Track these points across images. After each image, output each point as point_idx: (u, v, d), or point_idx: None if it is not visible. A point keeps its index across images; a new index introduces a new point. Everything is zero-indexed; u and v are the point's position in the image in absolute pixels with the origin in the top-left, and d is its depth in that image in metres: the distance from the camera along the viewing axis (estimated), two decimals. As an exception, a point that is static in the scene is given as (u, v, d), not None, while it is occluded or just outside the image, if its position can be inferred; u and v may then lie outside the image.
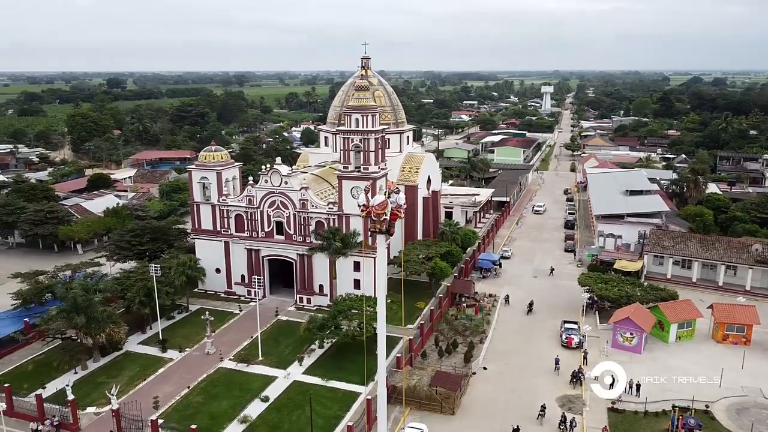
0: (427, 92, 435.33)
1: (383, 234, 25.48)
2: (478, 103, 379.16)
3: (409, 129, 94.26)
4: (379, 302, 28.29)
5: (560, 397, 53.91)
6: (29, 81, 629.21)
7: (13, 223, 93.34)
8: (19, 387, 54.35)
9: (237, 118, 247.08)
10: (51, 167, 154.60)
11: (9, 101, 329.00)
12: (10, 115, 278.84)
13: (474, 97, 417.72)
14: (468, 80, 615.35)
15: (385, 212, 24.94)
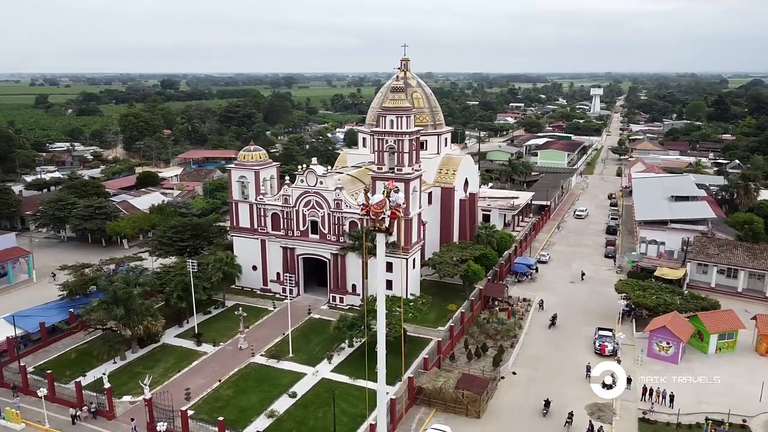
0: (473, 94, 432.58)
1: (383, 233, 25.68)
2: (524, 105, 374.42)
3: (447, 131, 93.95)
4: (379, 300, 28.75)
5: (590, 405, 52.85)
6: (89, 82, 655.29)
7: (65, 217, 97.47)
8: (61, 374, 56.83)
9: (282, 119, 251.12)
10: (103, 165, 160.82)
11: (69, 101, 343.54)
12: (69, 114, 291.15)
13: (521, 99, 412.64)
14: (516, 82, 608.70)
15: (383, 211, 25.12)
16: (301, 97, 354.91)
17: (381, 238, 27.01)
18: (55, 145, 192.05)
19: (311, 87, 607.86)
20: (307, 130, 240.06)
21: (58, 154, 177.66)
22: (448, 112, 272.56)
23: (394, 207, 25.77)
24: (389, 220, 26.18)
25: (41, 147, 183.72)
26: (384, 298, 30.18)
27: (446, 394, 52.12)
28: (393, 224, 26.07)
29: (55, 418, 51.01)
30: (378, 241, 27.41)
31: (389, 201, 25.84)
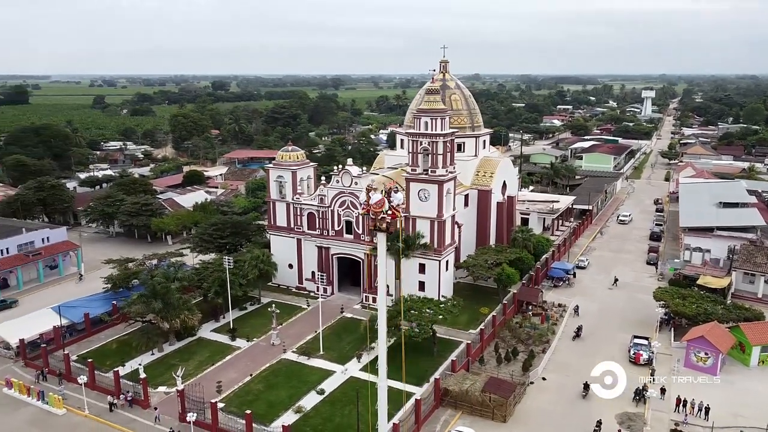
0: (520, 96, 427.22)
1: (383, 232, 25.98)
2: (572, 107, 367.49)
3: (485, 133, 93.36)
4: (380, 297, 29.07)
5: (620, 414, 51.75)
6: (144, 83, 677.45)
7: (113, 213, 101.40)
8: (102, 363, 59.24)
9: (327, 120, 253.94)
10: (153, 163, 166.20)
11: (124, 102, 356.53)
12: (124, 114, 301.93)
13: (569, 101, 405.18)
14: (565, 84, 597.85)
15: (382, 210, 25.42)
16: (347, 99, 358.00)
17: (382, 237, 27.39)
18: (108, 144, 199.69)
19: (358, 89, 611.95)
20: (351, 131, 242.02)
21: (111, 152, 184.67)
22: (493, 114, 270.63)
23: (394, 207, 25.97)
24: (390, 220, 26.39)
25: (96, 146, 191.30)
26: (384, 294, 30.97)
27: (472, 396, 51.95)
28: (393, 224, 26.22)
29: (94, 404, 53.25)
30: (379, 240, 27.80)
31: (389, 201, 26.10)
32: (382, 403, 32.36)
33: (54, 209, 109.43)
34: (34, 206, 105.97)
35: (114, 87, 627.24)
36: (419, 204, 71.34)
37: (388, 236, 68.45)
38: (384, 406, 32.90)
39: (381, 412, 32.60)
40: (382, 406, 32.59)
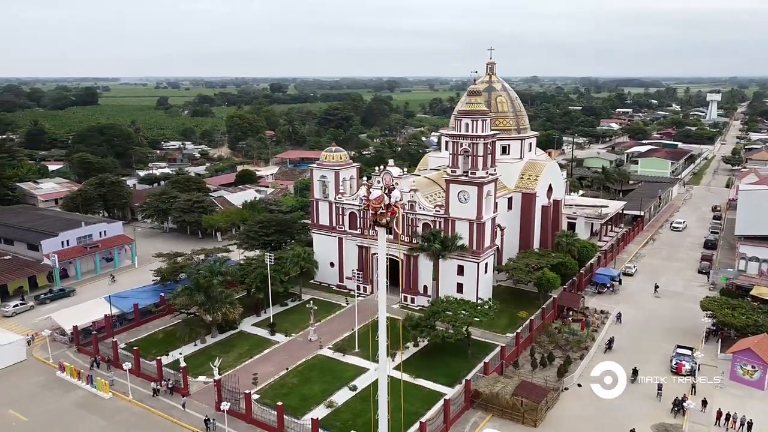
0: (578, 99, 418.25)
1: (382, 227, 26.48)
2: (632, 111, 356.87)
3: (531, 135, 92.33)
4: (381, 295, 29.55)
5: (656, 424, 50.39)
6: (206, 85, 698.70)
7: (167, 210, 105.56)
8: (147, 352, 61.97)
9: (379, 122, 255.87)
10: (209, 162, 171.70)
11: (186, 103, 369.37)
12: (185, 115, 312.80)
13: (629, 104, 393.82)
14: (627, 87, 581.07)
15: (381, 206, 25.92)
16: (401, 101, 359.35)
17: (381, 231, 28.11)
18: (168, 144, 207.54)
19: (414, 91, 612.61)
20: (402, 133, 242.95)
21: (170, 151, 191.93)
22: (548, 117, 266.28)
23: (394, 203, 26.47)
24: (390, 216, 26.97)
25: (156, 145, 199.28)
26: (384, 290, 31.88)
27: (503, 399, 51.63)
28: (392, 220, 26.80)
29: (137, 390, 55.80)
30: (379, 235, 28.56)
31: (388, 197, 26.63)
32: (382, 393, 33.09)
33: (113, 205, 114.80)
34: (95, 201, 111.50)
35: (178, 89, 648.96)
36: (459, 206, 71.31)
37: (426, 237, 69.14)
38: (384, 396, 33.65)
39: (381, 402, 33.34)
40: (382, 397, 33.33)
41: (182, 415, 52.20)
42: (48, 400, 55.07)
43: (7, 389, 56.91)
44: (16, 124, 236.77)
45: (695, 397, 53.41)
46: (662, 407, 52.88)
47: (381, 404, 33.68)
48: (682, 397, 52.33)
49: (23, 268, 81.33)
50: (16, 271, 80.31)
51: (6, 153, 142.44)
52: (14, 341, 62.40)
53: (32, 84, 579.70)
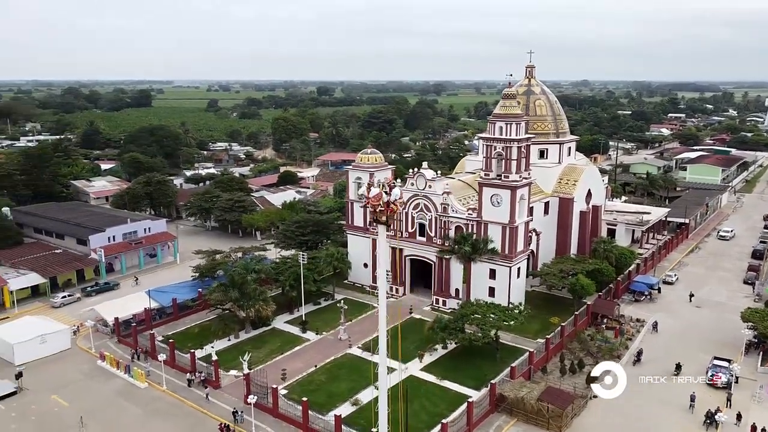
0: (628, 103, 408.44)
1: (382, 224, 26.97)
2: (685, 116, 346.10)
3: (570, 140, 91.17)
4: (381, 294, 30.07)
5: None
6: (256, 88, 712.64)
7: (210, 209, 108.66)
8: (183, 345, 64.04)
9: (422, 125, 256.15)
10: (253, 163, 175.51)
11: (235, 105, 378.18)
12: (233, 117, 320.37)
13: (683, 109, 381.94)
14: (681, 91, 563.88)
15: (380, 204, 26.43)
16: (446, 105, 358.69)
17: (381, 229, 28.71)
18: (216, 145, 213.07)
19: (460, 95, 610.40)
20: (446, 136, 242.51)
21: (217, 152, 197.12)
22: (595, 121, 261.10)
23: (392, 201, 26.99)
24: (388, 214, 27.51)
25: (204, 146, 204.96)
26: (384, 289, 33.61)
27: (528, 404, 51.31)
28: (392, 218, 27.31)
29: (171, 381, 57.88)
30: (379, 233, 29.18)
31: (386, 195, 27.18)
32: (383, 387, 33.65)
33: (159, 203, 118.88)
34: (142, 199, 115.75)
35: (228, 92, 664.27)
36: (491, 209, 71.10)
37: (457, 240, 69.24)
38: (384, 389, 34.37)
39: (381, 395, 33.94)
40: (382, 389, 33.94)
41: (212, 407, 53.87)
42: (88, 388, 57.68)
43: (51, 376, 59.85)
44: (74, 124, 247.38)
45: (730, 411, 51.87)
46: (694, 419, 51.53)
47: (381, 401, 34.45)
48: (715, 410, 50.89)
49: (72, 261, 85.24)
50: (66, 264, 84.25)
51: (62, 152, 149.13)
52: (60, 330, 65.57)
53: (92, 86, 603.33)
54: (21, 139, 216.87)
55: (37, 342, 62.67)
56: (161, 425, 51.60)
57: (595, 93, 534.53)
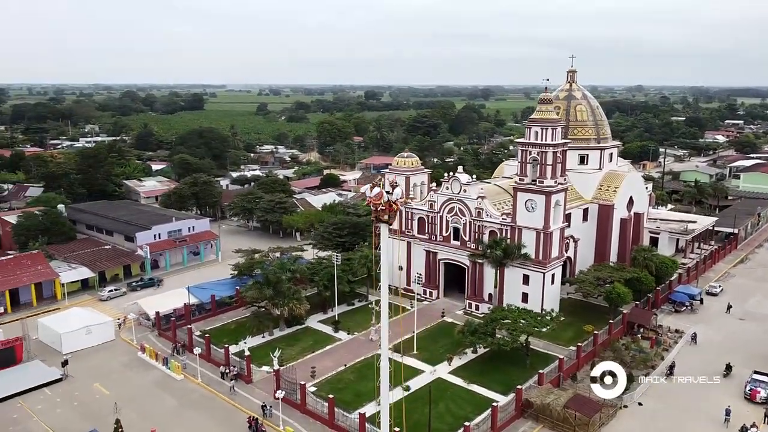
0: (683, 109, 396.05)
1: (383, 223, 27.56)
2: (743, 122, 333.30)
3: (612, 146, 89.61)
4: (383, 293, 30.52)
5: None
6: (305, 92, 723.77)
7: (252, 209, 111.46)
8: (219, 340, 66.14)
9: (467, 130, 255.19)
10: (297, 166, 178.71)
11: (284, 109, 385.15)
12: (281, 121, 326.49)
13: (741, 115, 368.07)
14: (740, 97, 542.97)
15: (381, 203, 27.01)
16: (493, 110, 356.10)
17: (384, 228, 29.33)
18: (263, 148, 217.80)
19: (508, 99, 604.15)
20: (491, 141, 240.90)
21: (263, 155, 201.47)
22: (646, 127, 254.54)
23: (393, 201, 27.56)
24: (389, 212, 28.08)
25: (251, 148, 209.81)
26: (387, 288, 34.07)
27: (554, 411, 50.91)
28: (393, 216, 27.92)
29: (206, 374, 59.90)
30: (382, 231, 29.82)
31: (387, 194, 27.78)
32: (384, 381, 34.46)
33: (205, 203, 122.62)
34: (188, 199, 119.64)
35: (278, 95, 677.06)
36: (526, 214, 70.72)
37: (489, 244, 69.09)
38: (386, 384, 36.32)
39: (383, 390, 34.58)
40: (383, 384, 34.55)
41: (243, 401, 55.51)
42: (128, 378, 60.27)
43: (95, 365, 62.83)
44: (130, 126, 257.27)
45: (766, 427, 50.17)
46: (728, 434, 50.09)
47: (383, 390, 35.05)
48: (751, 425, 49.33)
49: (120, 257, 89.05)
50: (114, 259, 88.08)
51: (116, 153, 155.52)
52: (105, 322, 68.69)
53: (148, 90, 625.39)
54: (80, 140, 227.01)
55: (83, 332, 65.87)
56: (194, 416, 53.51)
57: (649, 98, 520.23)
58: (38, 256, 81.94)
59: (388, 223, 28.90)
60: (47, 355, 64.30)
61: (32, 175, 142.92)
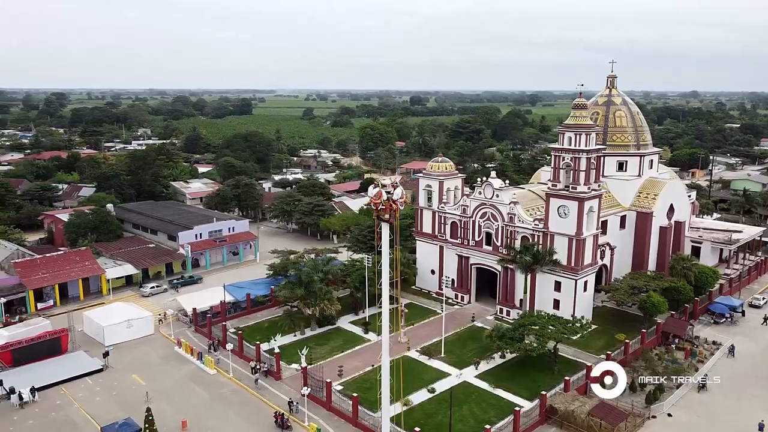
0: (739, 116, 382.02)
1: (384, 221, 28.26)
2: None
3: (652, 152, 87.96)
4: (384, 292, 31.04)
5: (749, 466, 46.57)
6: (352, 98, 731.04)
7: (291, 211, 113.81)
8: (252, 337, 67.95)
9: (511, 136, 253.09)
10: (339, 170, 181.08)
11: (329, 114, 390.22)
12: (326, 125, 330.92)
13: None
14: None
15: (380, 202, 27.71)
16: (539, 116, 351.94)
17: (385, 227, 30.00)
18: (306, 151, 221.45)
19: (556, 105, 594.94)
20: (535, 147, 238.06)
21: (306, 158, 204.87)
22: (697, 134, 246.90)
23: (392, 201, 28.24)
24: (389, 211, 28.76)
25: (295, 152, 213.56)
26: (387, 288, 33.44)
27: (578, 418, 50.51)
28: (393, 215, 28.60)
29: (237, 370, 61.80)
30: (383, 230, 30.53)
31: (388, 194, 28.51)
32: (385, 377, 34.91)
33: (246, 204, 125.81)
34: (231, 201, 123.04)
35: (325, 101, 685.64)
36: (558, 220, 70.20)
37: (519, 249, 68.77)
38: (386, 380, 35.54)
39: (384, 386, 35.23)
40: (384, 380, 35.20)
41: (271, 396, 57.09)
42: (164, 370, 62.73)
43: (134, 357, 65.62)
44: (180, 130, 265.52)
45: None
46: (760, 450, 48.65)
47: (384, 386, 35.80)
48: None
49: (162, 255, 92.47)
50: (157, 257, 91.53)
51: (165, 155, 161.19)
52: (145, 317, 71.57)
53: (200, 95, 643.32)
54: (132, 143, 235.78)
55: (125, 326, 68.88)
56: (223, 409, 55.33)
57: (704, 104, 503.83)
58: (86, 253, 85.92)
59: (389, 222, 29.71)
60: (91, 346, 67.50)
61: (86, 175, 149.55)
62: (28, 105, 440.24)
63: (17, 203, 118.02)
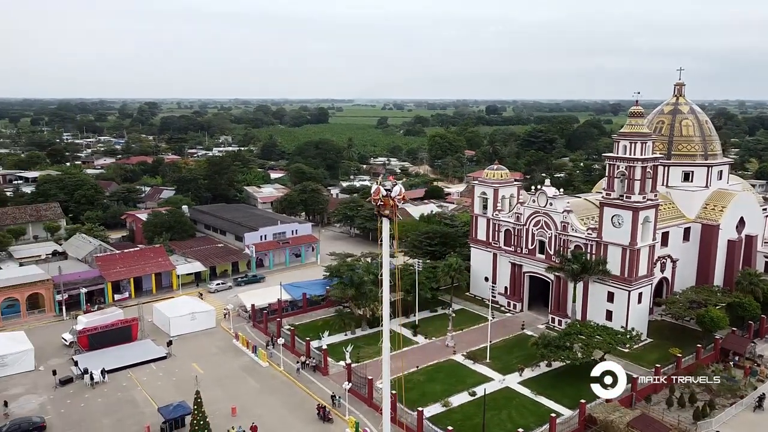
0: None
1: (384, 218, 29.61)
2: None
3: (722, 162, 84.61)
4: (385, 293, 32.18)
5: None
6: (428, 107, 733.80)
7: (353, 216, 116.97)
8: (305, 334, 70.89)
9: (585, 146, 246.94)
10: (406, 178, 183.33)
11: (403, 123, 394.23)
12: (399, 134, 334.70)
13: None
14: None
15: (379, 199, 29.09)
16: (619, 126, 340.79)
17: (385, 222, 31.26)
18: (376, 159, 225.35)
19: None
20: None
21: (375, 166, 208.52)
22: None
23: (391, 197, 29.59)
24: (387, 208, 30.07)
25: (365, 160, 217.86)
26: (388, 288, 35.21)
27: (617, 429, 49.81)
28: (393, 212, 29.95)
29: (288, 363, 64.86)
30: (383, 226, 31.77)
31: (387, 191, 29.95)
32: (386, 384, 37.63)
33: (312, 209, 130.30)
34: (297, 205, 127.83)
35: (401, 110, 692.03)
36: (612, 230, 69.12)
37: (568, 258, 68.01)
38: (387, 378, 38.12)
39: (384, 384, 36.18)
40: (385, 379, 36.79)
41: (317, 390, 59.66)
42: (221, 361, 66.73)
43: (196, 347, 70.15)
44: (258, 138, 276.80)
45: None
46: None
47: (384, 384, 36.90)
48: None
49: (229, 255, 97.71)
50: (224, 256, 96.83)
51: (241, 161, 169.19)
52: (208, 311, 76.22)
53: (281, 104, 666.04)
54: (213, 149, 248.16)
55: (189, 318, 73.70)
56: (271, 399, 58.39)
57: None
58: (160, 250, 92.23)
59: (390, 219, 31.38)
60: (158, 335, 72.71)
61: (167, 179, 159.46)
62: (123, 114, 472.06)
63: (105, 203, 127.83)
